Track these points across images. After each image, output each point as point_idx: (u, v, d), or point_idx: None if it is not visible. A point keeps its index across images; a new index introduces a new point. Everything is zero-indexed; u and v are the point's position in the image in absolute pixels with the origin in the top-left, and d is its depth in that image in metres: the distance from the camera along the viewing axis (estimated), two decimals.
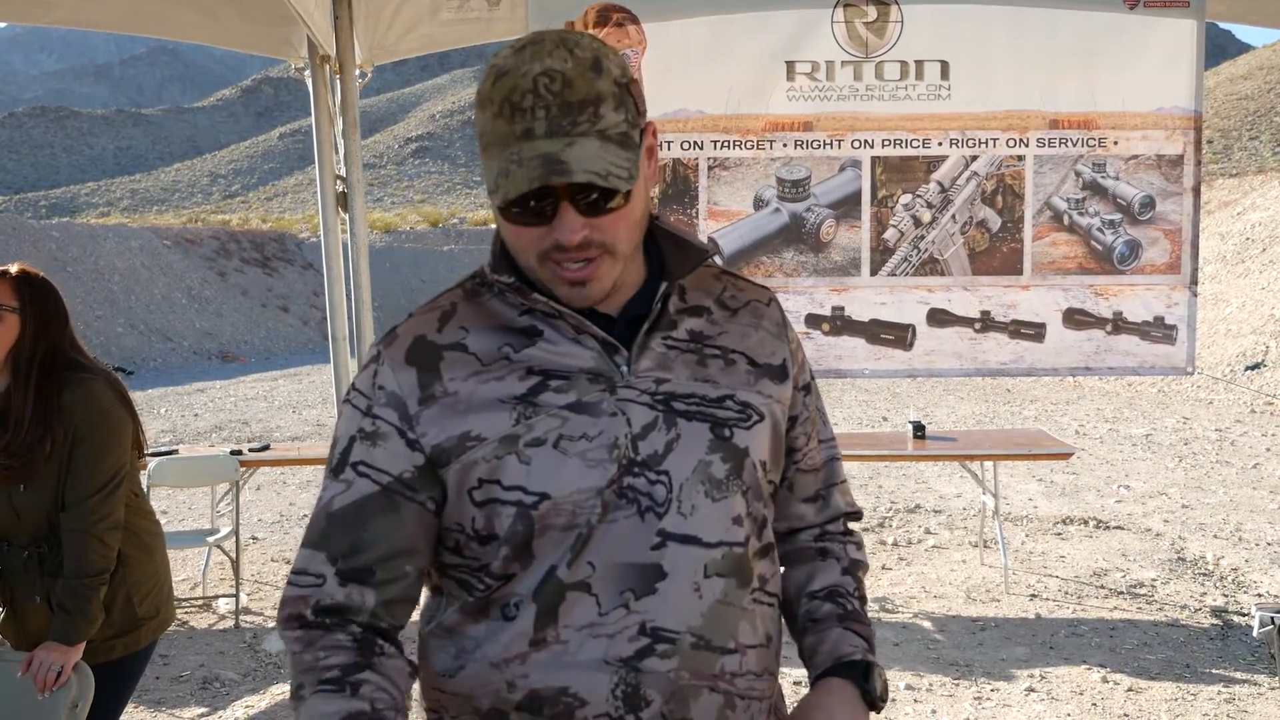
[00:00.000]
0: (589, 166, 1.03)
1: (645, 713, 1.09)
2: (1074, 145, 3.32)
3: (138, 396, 14.50)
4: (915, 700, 4.10)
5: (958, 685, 4.25)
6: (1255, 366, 14.76)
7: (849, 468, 6.01)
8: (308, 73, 3.63)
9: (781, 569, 1.33)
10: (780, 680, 1.28)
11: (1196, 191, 3.33)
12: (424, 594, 1.23)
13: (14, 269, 2.40)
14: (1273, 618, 3.32)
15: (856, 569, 1.33)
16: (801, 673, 1.28)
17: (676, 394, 1.14)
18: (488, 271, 1.19)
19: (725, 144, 3.37)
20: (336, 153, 3.73)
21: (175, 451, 6.11)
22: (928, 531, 6.83)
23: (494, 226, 1.26)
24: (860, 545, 1.36)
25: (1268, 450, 9.75)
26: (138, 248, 26.09)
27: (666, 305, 1.19)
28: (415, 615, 1.20)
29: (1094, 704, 4.05)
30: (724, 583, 1.12)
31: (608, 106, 1.06)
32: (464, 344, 1.14)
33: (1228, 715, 3.90)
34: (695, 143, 3.39)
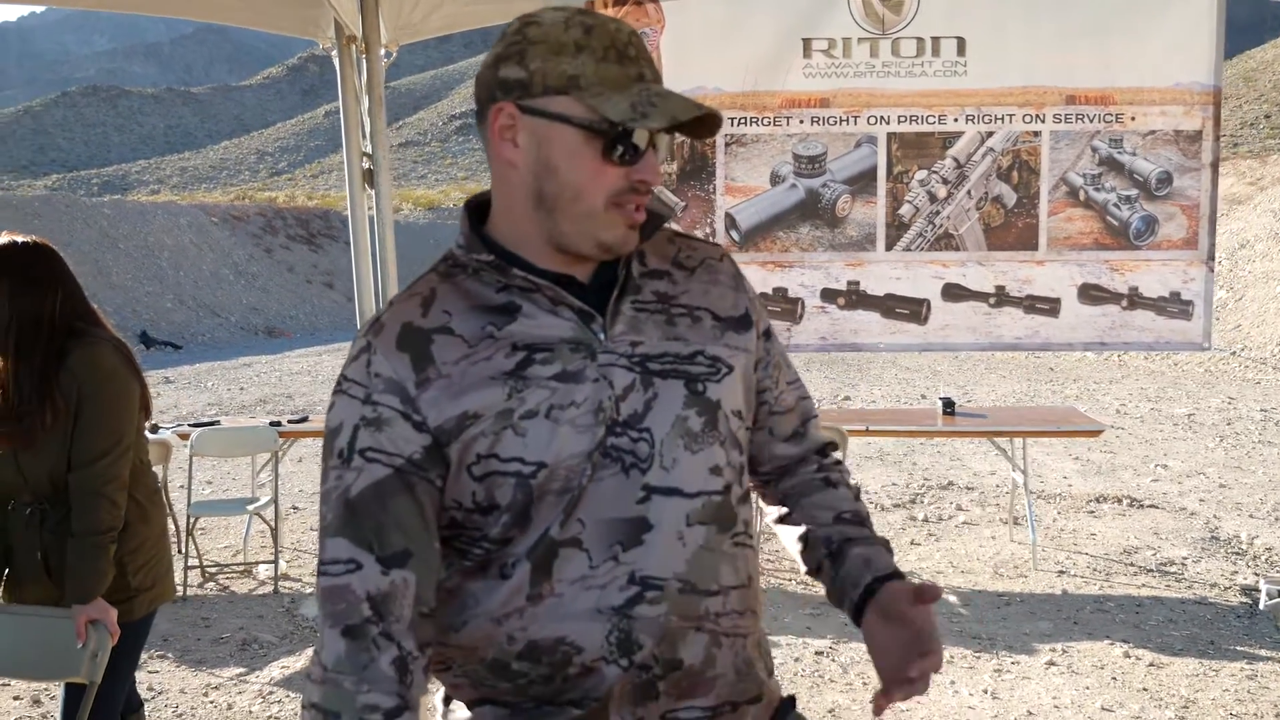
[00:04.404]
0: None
1: (638, 656, 1.16)
2: (1091, 121, 3.32)
3: (185, 371, 14.80)
4: None
5: (979, 658, 4.29)
6: None
7: (882, 444, 6.07)
8: (335, 53, 3.71)
9: (775, 509, 1.41)
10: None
11: (1215, 167, 3.31)
12: None
13: None
14: (1279, 591, 3.32)
15: (860, 494, 1.41)
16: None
17: (651, 355, 1.20)
18: (459, 253, 1.23)
19: (742, 121, 3.40)
20: (363, 131, 3.82)
21: (217, 423, 6.28)
22: (959, 508, 6.85)
23: None
24: (848, 471, 1.45)
25: None
26: (186, 225, 26.52)
27: (630, 270, 1.24)
28: None
29: (1114, 678, 4.07)
30: (705, 529, 1.19)
31: None
32: (449, 327, 1.18)
33: (1248, 691, 3.91)
34: None
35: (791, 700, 1.34)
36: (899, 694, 1.15)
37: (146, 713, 3.10)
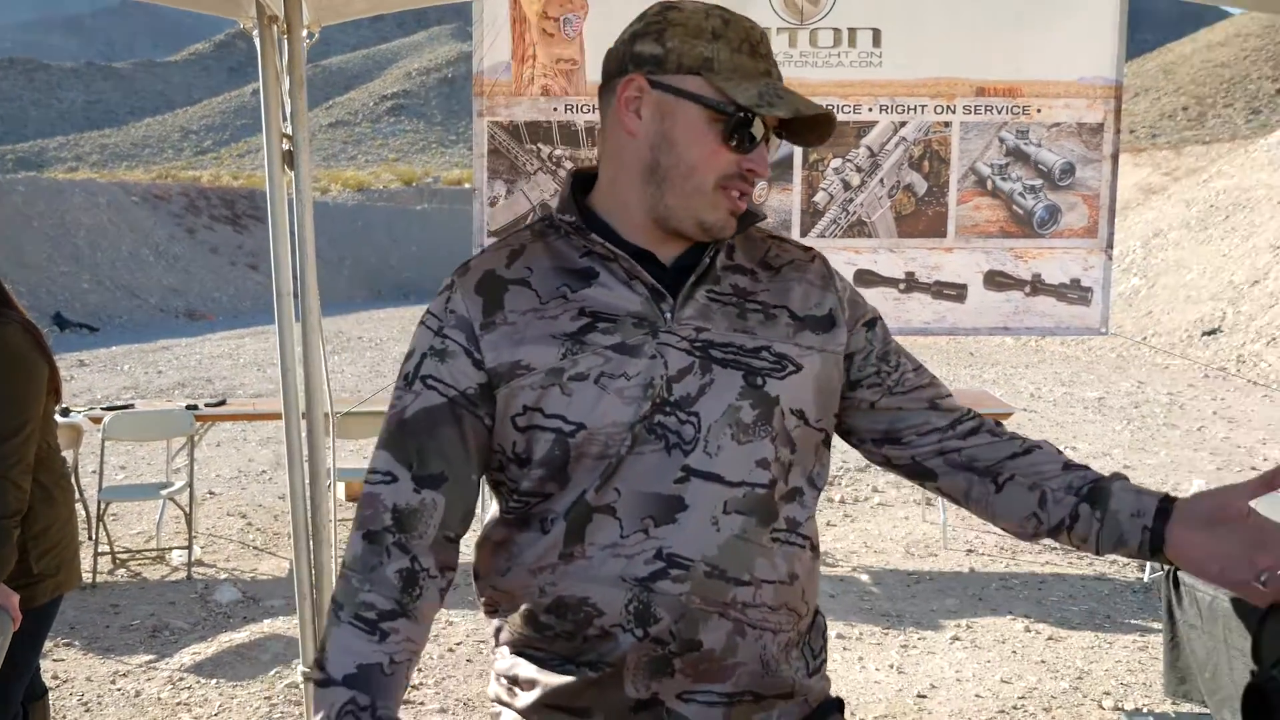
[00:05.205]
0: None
1: (654, 628, 1.19)
2: (999, 113, 3.42)
3: (101, 354, 14.41)
4: (844, 648, 4.25)
5: (887, 634, 4.41)
6: (1212, 332, 15.02)
7: None
8: (256, 32, 3.66)
9: (974, 484, 1.33)
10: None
11: (1115, 159, 3.43)
12: (493, 507, 1.34)
13: None
14: (1161, 565, 3.48)
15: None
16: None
17: (714, 343, 1.23)
18: (555, 214, 1.31)
19: None
20: (283, 113, 3.77)
21: (132, 406, 6.17)
22: (875, 490, 6.99)
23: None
24: None
25: (1214, 414, 9.97)
26: (105, 203, 25.82)
27: (714, 260, 1.27)
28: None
29: (1014, 651, 4.22)
30: (743, 519, 1.21)
31: None
32: (528, 280, 1.25)
33: (1139, 662, 4.08)
34: None
35: (838, 703, 1.35)
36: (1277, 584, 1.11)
37: (51, 701, 3.05)
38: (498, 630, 1.33)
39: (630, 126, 1.23)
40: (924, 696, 3.82)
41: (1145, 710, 3.49)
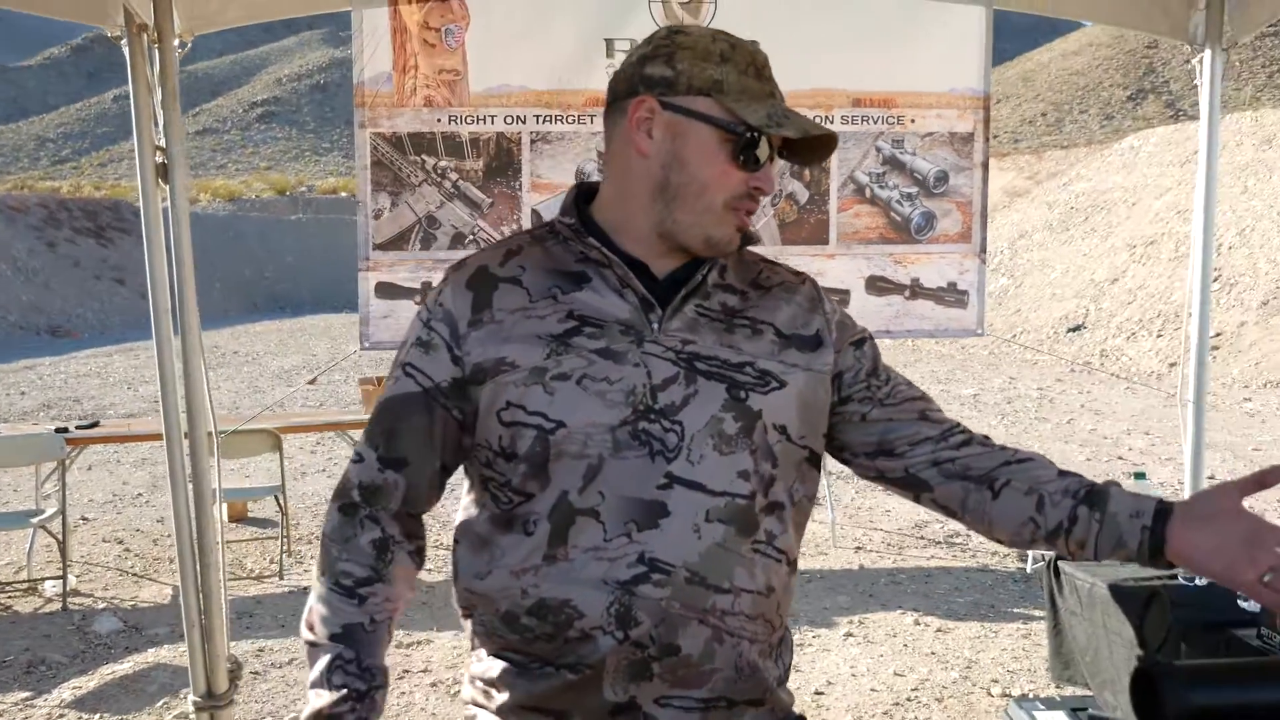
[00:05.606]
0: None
1: (634, 632, 1.20)
2: (875, 122, 3.53)
3: None
4: None
5: None
6: (1076, 329, 15.74)
7: None
8: (124, 41, 3.54)
9: (971, 494, 1.32)
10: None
11: (985, 166, 3.58)
12: (468, 505, 1.35)
13: None
14: (1043, 555, 3.65)
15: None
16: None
17: (700, 355, 1.26)
18: (556, 219, 1.34)
19: (548, 118, 3.45)
20: (156, 124, 3.65)
21: None
22: None
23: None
24: None
25: (1082, 407, 10.44)
26: None
27: (707, 277, 1.30)
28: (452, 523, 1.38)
29: (905, 645, 4.35)
30: (724, 528, 1.23)
31: None
32: (519, 279, 1.29)
33: (1023, 649, 4.26)
34: (518, 117, 3.46)
35: (800, 718, 1.37)
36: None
37: None
38: (474, 634, 1.35)
39: (641, 146, 1.27)
40: (821, 694, 3.91)
41: (1031, 695, 3.65)
